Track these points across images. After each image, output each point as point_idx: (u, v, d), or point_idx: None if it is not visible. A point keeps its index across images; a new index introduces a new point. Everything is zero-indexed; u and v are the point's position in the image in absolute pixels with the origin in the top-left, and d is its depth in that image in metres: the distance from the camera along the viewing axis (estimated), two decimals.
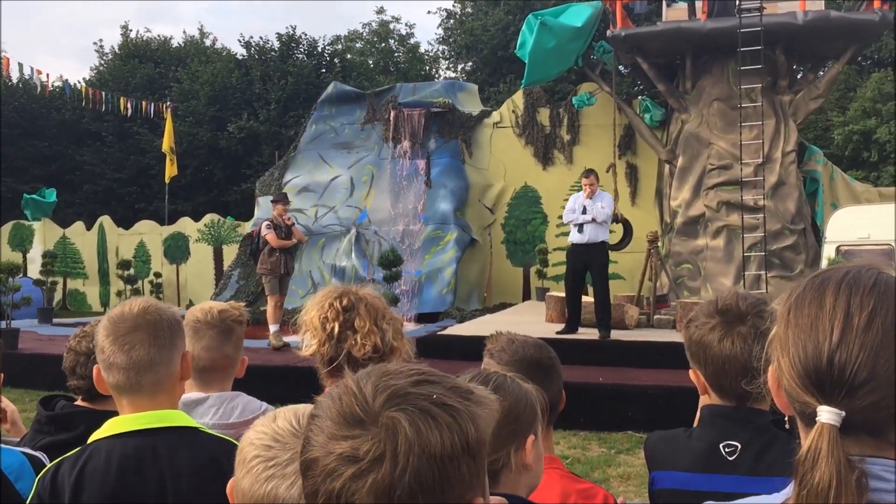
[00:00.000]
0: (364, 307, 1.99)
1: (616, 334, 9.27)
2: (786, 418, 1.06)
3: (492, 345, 2.04)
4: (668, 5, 14.65)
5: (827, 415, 0.91)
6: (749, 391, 1.74)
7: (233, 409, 2.45)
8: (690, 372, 1.86)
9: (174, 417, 1.80)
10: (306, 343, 1.99)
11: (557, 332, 9.18)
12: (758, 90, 12.97)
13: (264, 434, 1.33)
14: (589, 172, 9.31)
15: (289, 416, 1.36)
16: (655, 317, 10.43)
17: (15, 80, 29.70)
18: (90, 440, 1.76)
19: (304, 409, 1.38)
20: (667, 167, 14.44)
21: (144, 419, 1.76)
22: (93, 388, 2.09)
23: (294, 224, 10.53)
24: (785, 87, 13.45)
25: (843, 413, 0.90)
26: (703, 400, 1.88)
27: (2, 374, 2.04)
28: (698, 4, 13.64)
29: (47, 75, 20.55)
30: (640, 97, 16.32)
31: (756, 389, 1.73)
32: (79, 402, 2.34)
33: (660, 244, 11.40)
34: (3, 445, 1.95)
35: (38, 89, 22.48)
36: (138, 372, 1.78)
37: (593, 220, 8.91)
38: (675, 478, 1.81)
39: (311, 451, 0.87)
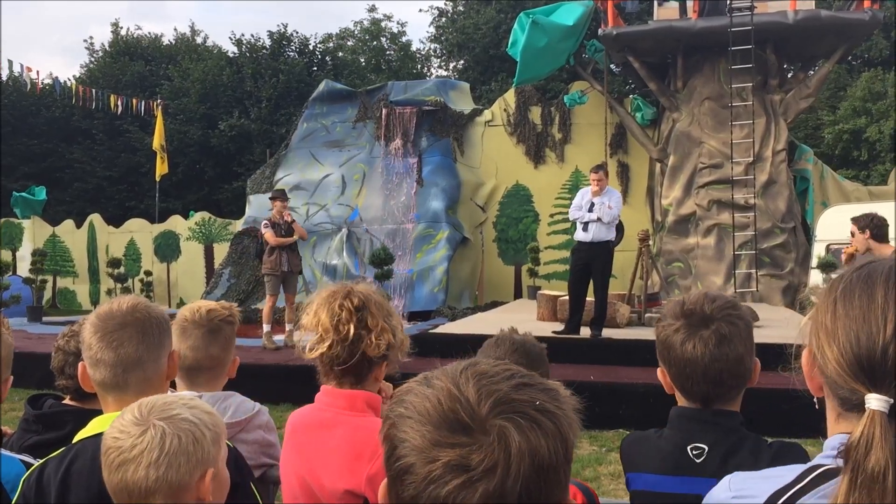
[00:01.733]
0: (374, 305, 1.98)
1: (607, 332, 9.25)
2: (815, 399, 1.11)
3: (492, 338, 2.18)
4: (660, 4, 14.69)
5: (877, 402, 0.94)
6: (716, 392, 1.75)
7: (225, 410, 2.44)
8: (658, 371, 1.86)
9: None
10: (311, 345, 1.95)
11: (555, 332, 9.06)
12: (748, 89, 13.01)
13: (113, 428, 1.46)
14: (598, 168, 8.89)
15: (133, 408, 1.48)
16: (646, 315, 10.43)
17: (5, 78, 29.56)
18: (75, 439, 1.75)
19: (148, 399, 1.50)
20: (658, 166, 14.47)
21: None
22: (81, 388, 2.09)
23: (294, 221, 10.43)
24: (775, 86, 13.50)
25: (892, 401, 0.94)
26: (679, 401, 1.88)
27: (10, 377, 2.01)
28: (689, 3, 13.69)
29: (37, 73, 20.46)
30: (631, 96, 16.35)
31: (722, 391, 1.74)
32: (67, 402, 2.33)
33: (651, 243, 11.41)
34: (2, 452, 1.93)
35: (29, 87, 22.36)
36: (126, 369, 1.76)
37: (598, 219, 8.67)
38: (645, 479, 1.81)
39: (408, 457, 0.85)
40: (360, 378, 1.94)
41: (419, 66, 32.28)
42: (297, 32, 29.94)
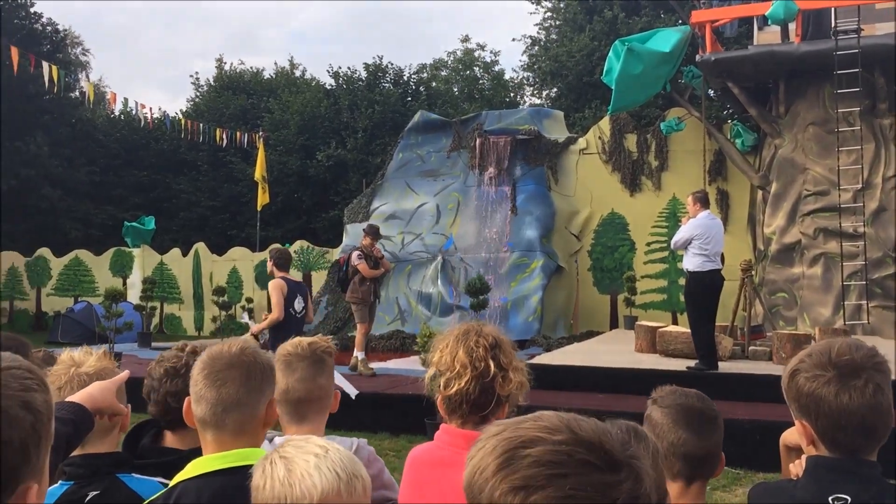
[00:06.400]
0: (506, 344, 2.02)
1: None
2: None
3: (657, 393, 2.14)
4: (760, 28, 14.38)
5: None
6: (866, 443, 1.70)
7: None
8: (797, 423, 1.81)
9: (257, 455, 1.83)
10: (446, 381, 2.00)
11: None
12: (856, 114, 12.57)
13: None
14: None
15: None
16: (750, 348, 10.12)
17: (117, 113, 31.20)
18: (175, 481, 1.81)
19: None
20: (759, 193, 14.08)
21: (229, 458, 1.79)
22: (168, 416, 2.17)
23: (382, 256, 10.77)
24: (884, 110, 12.98)
25: None
26: (808, 451, 1.83)
27: (129, 406, 2.12)
28: (791, 27, 13.33)
29: (150, 109, 21.51)
30: (730, 121, 16.00)
31: (873, 442, 1.69)
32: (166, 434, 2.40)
33: (753, 272, 11.09)
34: (137, 476, 2.05)
35: (142, 122, 23.52)
36: (225, 409, 1.81)
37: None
38: None
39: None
40: (486, 418, 1.97)
41: (512, 94, 32.43)
42: (391, 64, 30.57)
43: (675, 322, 14.33)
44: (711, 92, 16.70)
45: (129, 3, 71.10)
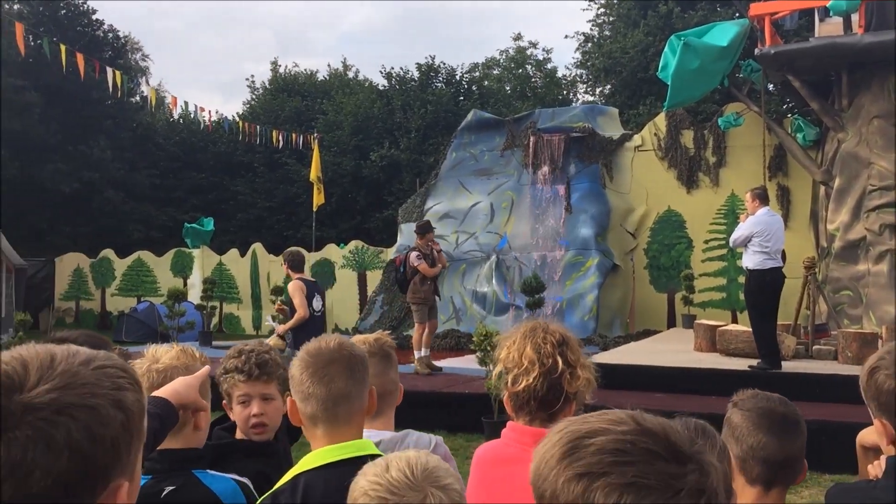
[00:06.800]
0: (572, 341, 2.03)
1: None
2: None
3: (738, 396, 2.13)
4: (821, 20, 14.03)
5: None
6: None
7: (405, 449, 2.49)
8: (876, 422, 1.77)
9: (367, 446, 1.90)
10: (514, 378, 2.01)
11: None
12: None
13: (378, 485, 1.34)
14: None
15: (401, 465, 1.36)
16: (815, 347, 9.90)
17: (176, 116, 31.86)
18: (294, 472, 1.86)
19: (416, 457, 1.39)
20: (822, 189, 13.75)
21: (348, 449, 1.86)
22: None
23: (440, 250, 10.71)
24: None
25: None
26: (888, 451, 1.79)
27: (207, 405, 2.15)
28: (854, 18, 12.97)
29: (209, 112, 21.92)
30: (791, 116, 15.65)
31: None
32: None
33: (817, 270, 10.84)
34: (212, 472, 2.09)
35: (202, 125, 23.98)
36: (336, 403, 1.88)
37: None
38: None
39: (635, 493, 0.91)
40: (553, 415, 1.97)
41: (565, 91, 32.21)
42: (444, 63, 30.63)
43: (734, 321, 14.08)
44: (771, 86, 16.37)
45: (178, 8, 72.59)
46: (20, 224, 24.46)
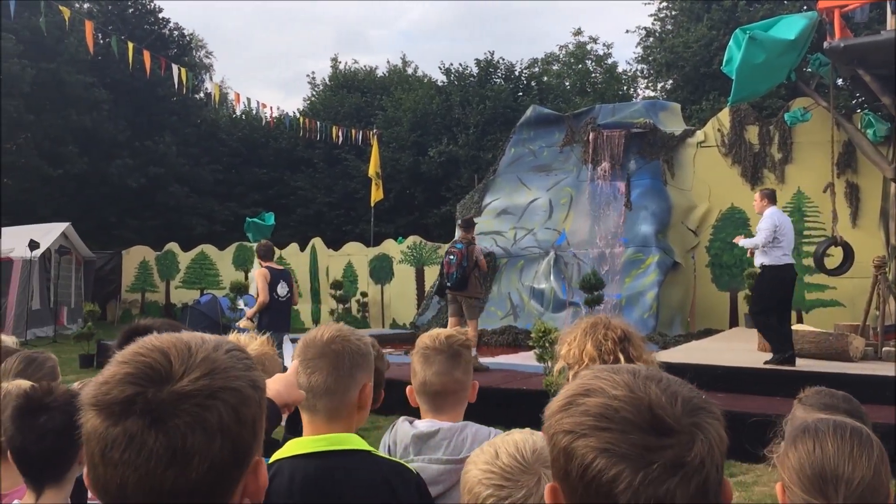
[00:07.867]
0: (635, 337, 2.01)
1: (840, 366, 8.62)
2: None
3: (803, 393, 2.13)
4: (893, 12, 13.58)
5: None
6: None
7: (463, 442, 2.46)
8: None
9: (349, 441, 1.87)
10: (574, 375, 1.99)
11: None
12: None
13: (492, 473, 1.33)
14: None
15: (511, 450, 1.35)
16: (884, 349, 9.60)
17: (239, 113, 32.45)
18: (271, 459, 1.86)
19: (524, 439, 1.38)
20: (893, 186, 13.33)
21: (322, 441, 1.85)
22: None
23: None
24: None
25: None
26: None
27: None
28: None
29: (270, 108, 22.27)
30: (861, 111, 15.18)
31: None
32: None
33: (887, 269, 10.51)
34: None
35: (263, 121, 24.39)
36: (315, 395, 1.89)
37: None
38: None
39: (613, 467, 0.90)
40: None
41: (625, 87, 31.86)
42: (503, 59, 30.56)
43: (799, 320, 13.75)
44: (840, 80, 15.91)
45: (239, 7, 73.75)
46: (89, 218, 25.23)
